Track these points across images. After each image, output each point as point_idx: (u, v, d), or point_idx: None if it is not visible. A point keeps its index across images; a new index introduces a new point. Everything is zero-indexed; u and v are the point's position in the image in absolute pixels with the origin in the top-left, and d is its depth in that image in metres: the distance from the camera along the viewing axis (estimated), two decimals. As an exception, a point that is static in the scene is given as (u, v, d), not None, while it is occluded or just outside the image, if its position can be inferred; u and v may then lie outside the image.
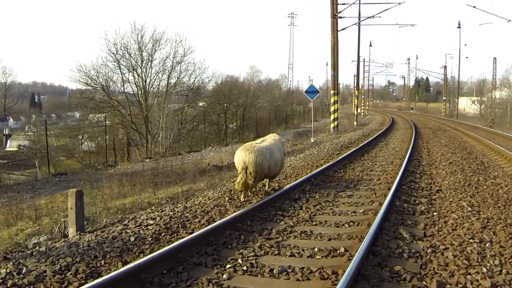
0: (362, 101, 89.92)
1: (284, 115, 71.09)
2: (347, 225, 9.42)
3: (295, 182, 13.54)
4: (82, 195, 9.86)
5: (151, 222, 9.89)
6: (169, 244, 7.84)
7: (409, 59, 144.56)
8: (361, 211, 10.56)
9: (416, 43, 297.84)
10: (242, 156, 11.50)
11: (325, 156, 20.83)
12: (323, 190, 13.15)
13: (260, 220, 9.94)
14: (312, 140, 31.14)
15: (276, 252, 7.80)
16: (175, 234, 8.84)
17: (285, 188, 12.70)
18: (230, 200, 11.95)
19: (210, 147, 41.87)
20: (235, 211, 10.42)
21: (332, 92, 38.58)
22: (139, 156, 37.53)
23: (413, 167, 17.19)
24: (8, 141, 76.94)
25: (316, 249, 7.82)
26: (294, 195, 12.25)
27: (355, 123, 50.24)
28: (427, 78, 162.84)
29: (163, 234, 8.85)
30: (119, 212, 12.85)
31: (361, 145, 24.53)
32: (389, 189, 12.29)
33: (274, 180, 14.08)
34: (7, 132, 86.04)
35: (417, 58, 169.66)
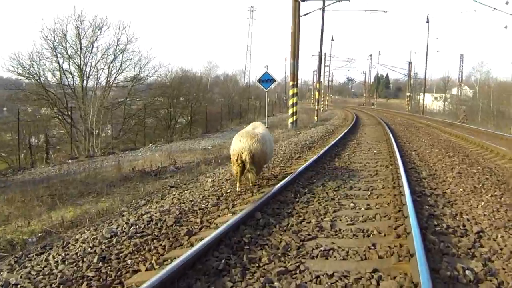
0: (322, 96, 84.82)
1: (239, 109, 64.70)
2: None
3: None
4: None
5: None
6: None
7: (371, 55, 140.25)
8: None
9: (379, 38, 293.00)
10: (246, 143, 10.61)
11: (279, 164, 15.01)
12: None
13: None
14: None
15: None
16: None
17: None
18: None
19: (151, 144, 35.59)
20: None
21: (291, 83, 32.73)
22: (60, 157, 30.96)
23: (417, 183, 11.42)
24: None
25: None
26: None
27: (315, 118, 44.39)
28: (387, 75, 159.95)
29: None
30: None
31: (327, 146, 18.71)
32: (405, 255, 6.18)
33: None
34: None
35: (379, 54, 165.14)
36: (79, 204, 13.86)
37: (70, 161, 27.53)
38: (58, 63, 41.31)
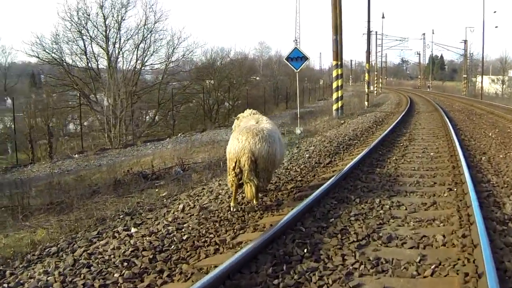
0: (375, 78, 79.29)
1: (286, 93, 59.94)
2: None
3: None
4: None
5: None
6: None
7: (424, 34, 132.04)
8: None
9: (433, 16, 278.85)
10: (246, 143, 7.52)
11: (295, 177, 10.71)
12: None
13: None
14: (298, 132, 20.40)
15: None
16: None
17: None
18: None
19: (180, 134, 31.49)
20: None
21: (334, 63, 28.11)
22: (69, 150, 27.09)
23: (507, 233, 6.44)
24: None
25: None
26: None
27: (366, 103, 39.48)
28: (441, 55, 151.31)
29: None
30: None
31: (370, 144, 14.29)
32: None
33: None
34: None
35: (433, 33, 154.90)
36: (21, 227, 10.06)
37: (76, 155, 23.83)
38: (85, 45, 37.35)
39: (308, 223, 6.87)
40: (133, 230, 7.55)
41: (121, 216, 8.81)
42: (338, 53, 27.97)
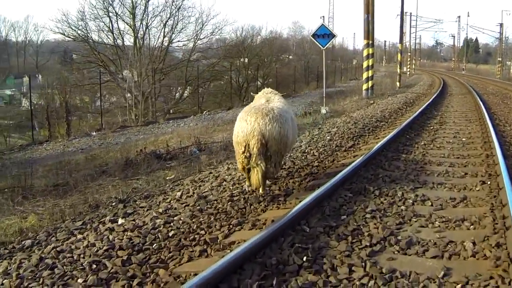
0: (408, 59, 77.33)
1: (317, 72, 58.51)
2: None
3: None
4: None
5: None
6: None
7: (459, 16, 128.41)
8: None
9: None
10: (256, 124, 6.67)
11: (312, 162, 9.72)
12: None
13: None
14: (323, 112, 19.25)
15: None
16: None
17: None
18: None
19: (206, 112, 30.54)
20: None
21: (365, 42, 26.82)
22: (88, 128, 26.32)
23: None
24: (23, 99, 66.80)
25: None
26: None
27: (397, 83, 38.08)
28: (476, 39, 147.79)
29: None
30: None
31: (398, 127, 13.15)
32: None
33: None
34: (24, 90, 75.12)
35: (468, 15, 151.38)
36: (14, 212, 8.97)
37: (94, 133, 22.92)
38: (111, 22, 36.46)
39: (314, 222, 5.80)
40: (120, 221, 6.67)
41: (113, 204, 7.88)
42: (369, 32, 26.68)
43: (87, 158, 16.41)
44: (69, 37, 36.90)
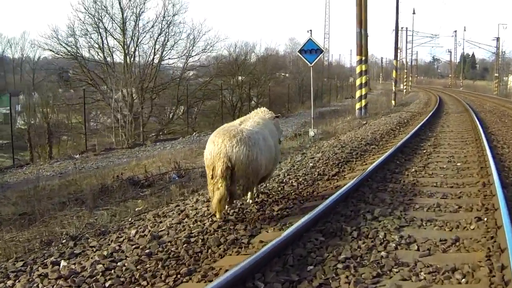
0: (405, 76, 76.51)
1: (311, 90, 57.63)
2: None
3: None
4: None
5: None
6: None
7: (456, 31, 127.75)
8: None
9: (465, 12, 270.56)
10: (223, 146, 6.43)
11: (289, 193, 8.79)
12: None
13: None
14: (311, 134, 18.22)
15: None
16: None
17: None
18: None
19: (195, 133, 29.64)
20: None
21: (357, 58, 25.83)
22: (73, 150, 25.49)
23: None
24: (18, 118, 66.04)
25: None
26: None
27: (393, 102, 37.20)
28: (473, 54, 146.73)
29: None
30: None
31: (388, 150, 12.18)
32: None
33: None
34: (19, 109, 74.23)
35: (464, 30, 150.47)
36: None
37: (78, 156, 21.96)
38: (101, 39, 35.56)
39: (271, 276, 4.81)
40: (62, 264, 5.81)
41: (63, 241, 6.95)
42: (362, 47, 25.71)
43: (63, 184, 15.54)
44: (58, 54, 36.09)
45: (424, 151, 13.00)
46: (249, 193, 7.58)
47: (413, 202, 7.64)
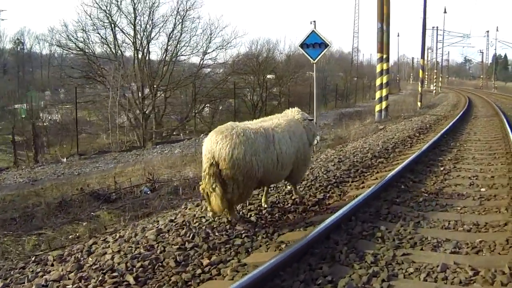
0: (435, 77, 73.17)
1: (336, 90, 54.98)
2: None
3: None
4: None
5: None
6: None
7: (488, 31, 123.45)
8: None
9: (498, 11, 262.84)
10: (209, 142, 6.11)
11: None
12: None
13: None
14: (314, 142, 15.66)
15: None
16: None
17: None
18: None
19: (202, 135, 27.43)
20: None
21: (378, 56, 23.18)
22: (63, 153, 23.55)
23: None
24: (41, 114, 65.47)
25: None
26: None
27: (419, 103, 34.46)
28: (505, 55, 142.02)
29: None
30: None
31: (401, 164, 9.67)
32: None
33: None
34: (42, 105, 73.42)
35: (497, 30, 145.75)
36: None
37: (65, 159, 19.98)
38: (114, 34, 33.37)
39: None
40: None
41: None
42: (383, 44, 23.16)
43: (28, 194, 13.60)
44: (66, 50, 34.28)
45: (442, 168, 10.28)
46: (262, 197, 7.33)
47: (409, 260, 5.04)
